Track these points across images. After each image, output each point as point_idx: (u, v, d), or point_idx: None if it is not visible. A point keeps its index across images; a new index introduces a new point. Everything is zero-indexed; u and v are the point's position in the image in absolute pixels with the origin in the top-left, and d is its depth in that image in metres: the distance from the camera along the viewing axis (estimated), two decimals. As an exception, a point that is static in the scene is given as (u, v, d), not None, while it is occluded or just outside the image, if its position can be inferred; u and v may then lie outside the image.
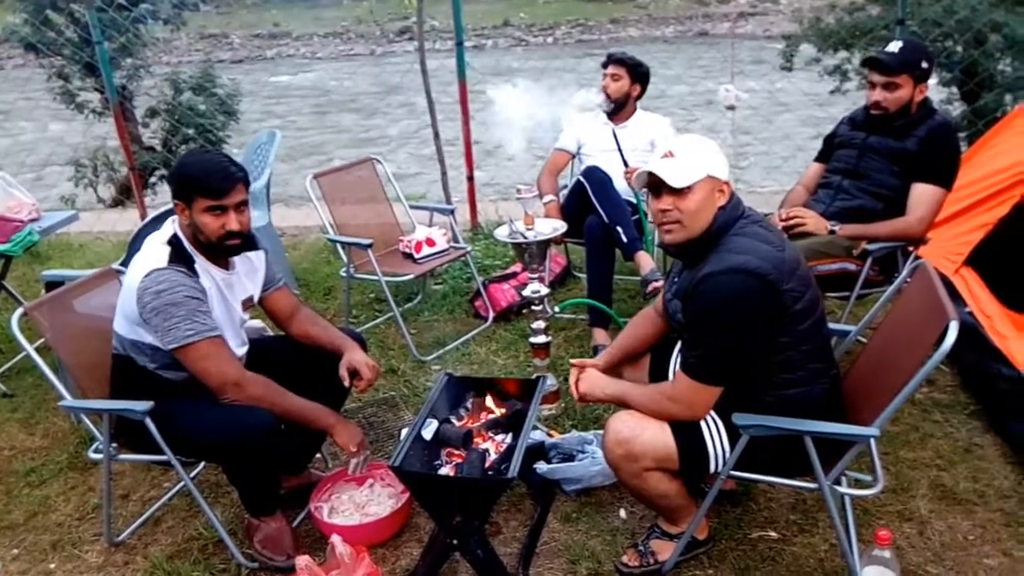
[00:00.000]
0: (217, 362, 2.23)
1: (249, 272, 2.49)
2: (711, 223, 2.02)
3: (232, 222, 2.25)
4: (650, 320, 2.42)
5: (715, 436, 2.07)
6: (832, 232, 2.94)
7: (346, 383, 2.48)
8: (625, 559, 2.32)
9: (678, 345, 2.35)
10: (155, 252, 2.26)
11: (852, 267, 2.96)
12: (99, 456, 2.43)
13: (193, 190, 2.24)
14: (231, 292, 2.39)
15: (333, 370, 2.50)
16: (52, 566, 2.55)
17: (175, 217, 2.35)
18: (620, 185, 3.67)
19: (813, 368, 2.06)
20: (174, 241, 2.29)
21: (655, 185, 2.04)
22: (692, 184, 1.98)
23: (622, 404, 2.20)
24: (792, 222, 2.96)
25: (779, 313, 1.94)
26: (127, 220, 6.03)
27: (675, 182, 1.98)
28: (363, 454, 2.45)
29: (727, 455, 2.06)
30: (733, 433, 2.03)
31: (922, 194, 2.92)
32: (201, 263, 2.31)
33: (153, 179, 7.66)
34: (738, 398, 2.03)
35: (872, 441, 2.04)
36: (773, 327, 1.96)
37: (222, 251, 2.32)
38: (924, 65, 2.94)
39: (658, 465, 2.10)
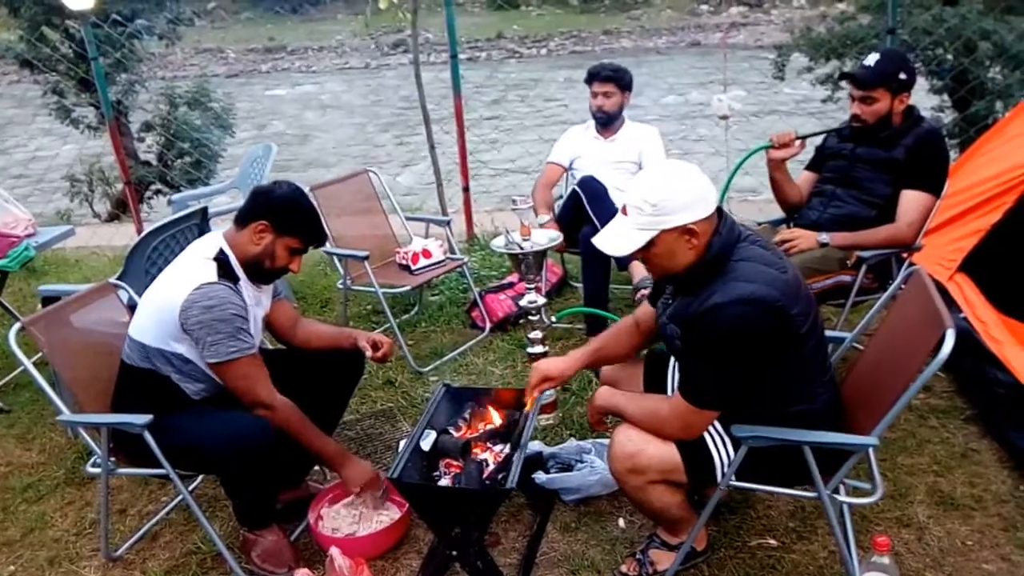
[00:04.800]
0: (253, 383, 2.32)
1: (267, 290, 2.57)
2: (703, 253, 1.97)
3: (297, 266, 2.44)
4: (630, 334, 2.37)
5: (720, 447, 2.07)
6: (823, 245, 2.95)
7: (368, 353, 2.60)
8: (624, 568, 2.32)
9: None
10: (202, 267, 2.31)
11: (847, 279, 2.96)
12: (97, 470, 2.43)
13: (296, 229, 2.37)
14: (259, 309, 2.49)
15: (324, 388, 2.57)
16: (50, 582, 2.54)
17: (218, 232, 2.42)
18: (615, 196, 3.68)
19: (812, 384, 2.06)
20: (221, 258, 2.34)
21: None
22: (645, 243, 1.95)
23: (619, 415, 2.20)
24: (784, 247, 2.94)
25: (787, 340, 1.94)
26: (123, 234, 6.02)
27: (616, 253, 2.00)
28: (373, 493, 2.51)
29: None
30: (739, 444, 2.02)
31: (911, 201, 2.94)
32: (243, 281, 2.38)
33: (149, 193, 7.67)
34: (739, 414, 2.02)
35: (871, 449, 2.05)
36: (779, 353, 1.95)
37: (265, 276, 2.45)
38: (902, 76, 2.92)
39: (663, 478, 2.10)
